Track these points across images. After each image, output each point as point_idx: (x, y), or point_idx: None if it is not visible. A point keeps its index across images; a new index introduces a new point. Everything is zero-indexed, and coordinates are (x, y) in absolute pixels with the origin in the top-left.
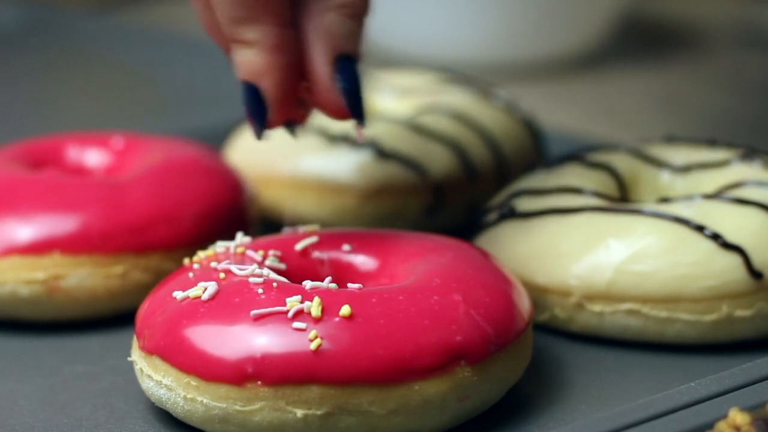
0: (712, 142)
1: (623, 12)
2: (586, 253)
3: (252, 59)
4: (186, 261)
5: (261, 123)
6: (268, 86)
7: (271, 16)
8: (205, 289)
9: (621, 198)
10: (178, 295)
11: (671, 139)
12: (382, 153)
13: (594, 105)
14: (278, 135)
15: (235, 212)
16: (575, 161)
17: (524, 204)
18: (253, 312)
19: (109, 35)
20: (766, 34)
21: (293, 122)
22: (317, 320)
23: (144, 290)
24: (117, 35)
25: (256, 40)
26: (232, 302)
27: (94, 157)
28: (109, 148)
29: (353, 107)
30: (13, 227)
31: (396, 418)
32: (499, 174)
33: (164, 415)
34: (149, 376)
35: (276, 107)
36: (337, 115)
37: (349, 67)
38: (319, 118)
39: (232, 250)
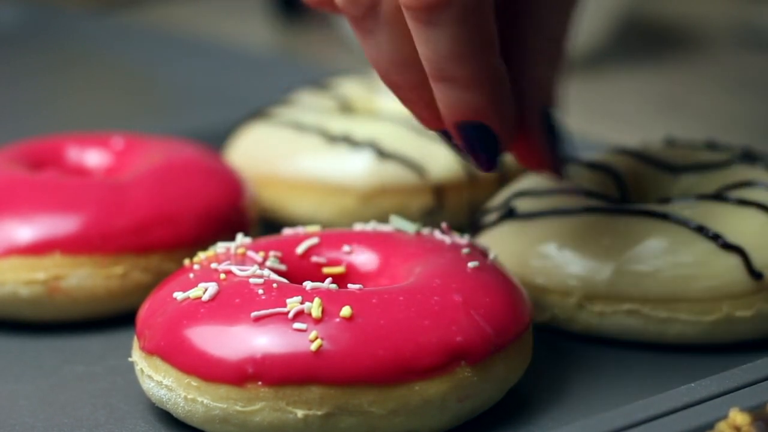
0: (712, 143)
1: (623, 13)
2: (586, 253)
3: (471, 98)
4: (186, 262)
5: (494, 157)
6: (495, 122)
7: (493, 50)
8: (206, 289)
9: (621, 199)
10: (179, 295)
11: (671, 140)
12: (383, 153)
13: (594, 105)
14: (278, 135)
15: (236, 213)
16: (575, 162)
17: (524, 204)
18: (254, 313)
19: (109, 35)
20: (766, 35)
21: None
22: (318, 321)
23: (144, 291)
24: (117, 35)
25: (476, 77)
26: (233, 303)
27: (94, 158)
28: (110, 149)
29: (557, 160)
30: (13, 228)
31: (396, 418)
32: (500, 175)
33: (165, 416)
34: (150, 377)
35: (507, 139)
36: (539, 166)
37: (554, 120)
38: (317, 118)
39: (232, 251)
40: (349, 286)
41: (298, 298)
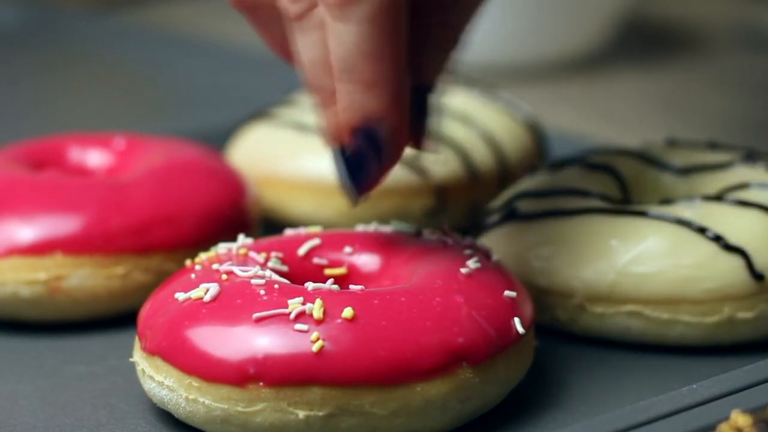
0: (713, 144)
1: (624, 13)
2: (588, 254)
3: (370, 100)
4: (188, 262)
5: (376, 170)
6: (387, 129)
7: (400, 54)
8: (207, 290)
9: (623, 200)
10: (180, 296)
11: (672, 141)
12: None
13: (596, 106)
14: (279, 135)
15: (237, 213)
16: (577, 163)
17: (526, 205)
18: (255, 314)
19: (109, 35)
20: (766, 35)
21: None
22: (319, 322)
23: (145, 291)
24: (117, 35)
25: (378, 79)
26: (234, 303)
27: (95, 158)
28: (111, 149)
29: (420, 132)
30: (14, 228)
31: (397, 419)
32: (501, 175)
33: (166, 416)
34: (151, 377)
35: (395, 151)
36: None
37: (429, 102)
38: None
39: (234, 252)
40: (351, 287)
41: (300, 299)
